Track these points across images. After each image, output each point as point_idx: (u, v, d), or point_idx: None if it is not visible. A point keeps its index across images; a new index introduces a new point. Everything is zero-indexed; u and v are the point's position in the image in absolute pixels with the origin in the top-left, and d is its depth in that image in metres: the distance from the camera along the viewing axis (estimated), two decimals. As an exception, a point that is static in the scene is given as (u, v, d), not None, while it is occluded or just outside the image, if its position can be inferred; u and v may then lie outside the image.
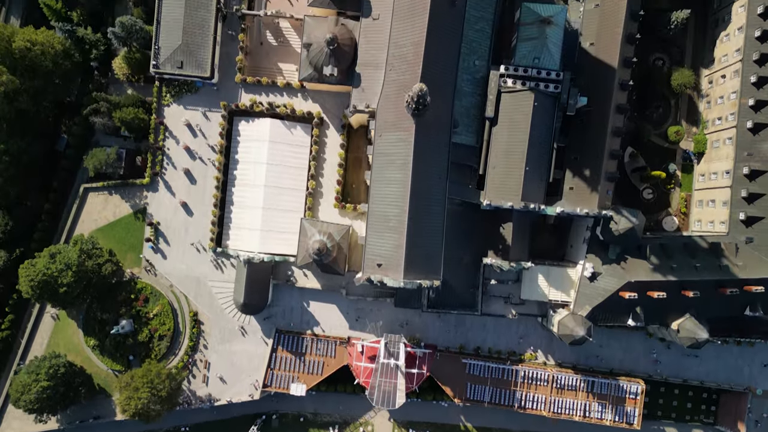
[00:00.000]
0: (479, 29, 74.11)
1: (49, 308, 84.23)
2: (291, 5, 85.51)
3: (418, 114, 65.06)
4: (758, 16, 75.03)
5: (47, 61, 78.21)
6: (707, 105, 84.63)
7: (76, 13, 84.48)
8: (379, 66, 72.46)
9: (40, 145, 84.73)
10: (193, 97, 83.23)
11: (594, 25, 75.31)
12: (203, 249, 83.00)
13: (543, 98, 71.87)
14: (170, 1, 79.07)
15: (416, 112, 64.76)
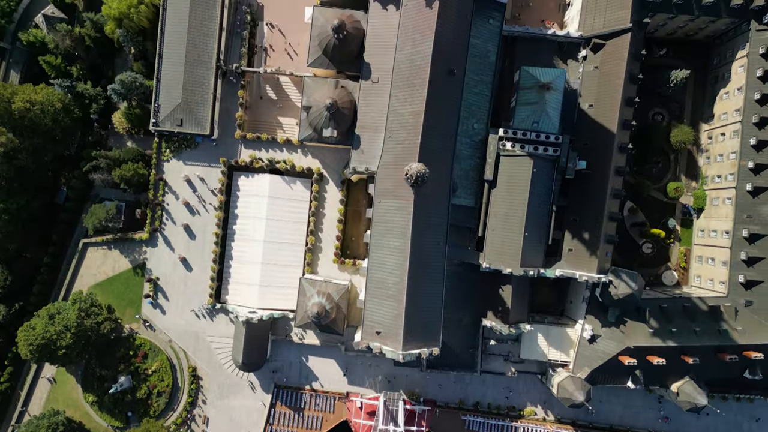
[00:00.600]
0: (478, 92, 74.13)
1: (46, 371, 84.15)
2: (291, 59, 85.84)
3: (417, 186, 65.03)
4: (758, 78, 75.04)
5: (47, 120, 78.47)
6: (706, 160, 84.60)
7: (76, 68, 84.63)
8: (379, 129, 72.58)
9: (39, 198, 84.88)
10: (193, 153, 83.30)
11: (593, 87, 75.33)
12: (204, 315, 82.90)
13: (542, 163, 71.86)
14: (170, 60, 79.29)
15: (415, 185, 64.75)
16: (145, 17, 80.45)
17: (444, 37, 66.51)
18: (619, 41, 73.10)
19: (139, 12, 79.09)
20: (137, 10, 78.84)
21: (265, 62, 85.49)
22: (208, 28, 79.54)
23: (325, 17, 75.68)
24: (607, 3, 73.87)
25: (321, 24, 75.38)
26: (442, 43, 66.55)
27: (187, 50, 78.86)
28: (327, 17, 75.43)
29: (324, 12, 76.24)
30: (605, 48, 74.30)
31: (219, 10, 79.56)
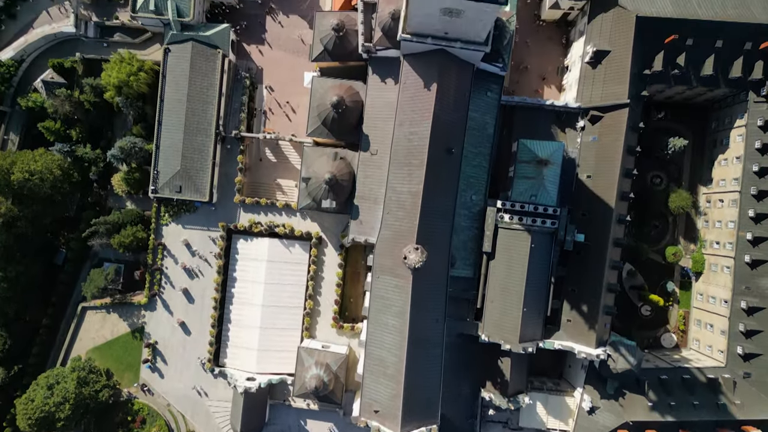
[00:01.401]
0: (476, 165, 74.24)
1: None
2: (290, 121, 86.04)
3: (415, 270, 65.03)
4: (756, 150, 75.14)
5: (46, 187, 78.68)
6: (705, 224, 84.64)
7: (75, 131, 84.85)
8: (377, 200, 72.81)
9: (38, 261, 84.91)
10: (192, 217, 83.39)
11: (591, 159, 75.43)
12: (204, 393, 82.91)
13: (540, 237, 71.86)
14: (169, 127, 79.53)
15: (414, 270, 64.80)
16: (144, 83, 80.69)
17: (442, 118, 66.67)
18: (617, 114, 73.30)
19: (138, 79, 79.35)
20: (137, 77, 79.11)
21: (264, 125, 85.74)
22: (207, 95, 79.80)
23: (324, 88, 75.98)
24: (604, 76, 74.07)
25: (320, 95, 75.64)
26: (441, 124, 66.70)
27: (186, 118, 79.09)
28: (326, 88, 75.74)
29: (323, 83, 76.49)
30: (603, 120, 74.46)
31: (218, 77, 79.86)
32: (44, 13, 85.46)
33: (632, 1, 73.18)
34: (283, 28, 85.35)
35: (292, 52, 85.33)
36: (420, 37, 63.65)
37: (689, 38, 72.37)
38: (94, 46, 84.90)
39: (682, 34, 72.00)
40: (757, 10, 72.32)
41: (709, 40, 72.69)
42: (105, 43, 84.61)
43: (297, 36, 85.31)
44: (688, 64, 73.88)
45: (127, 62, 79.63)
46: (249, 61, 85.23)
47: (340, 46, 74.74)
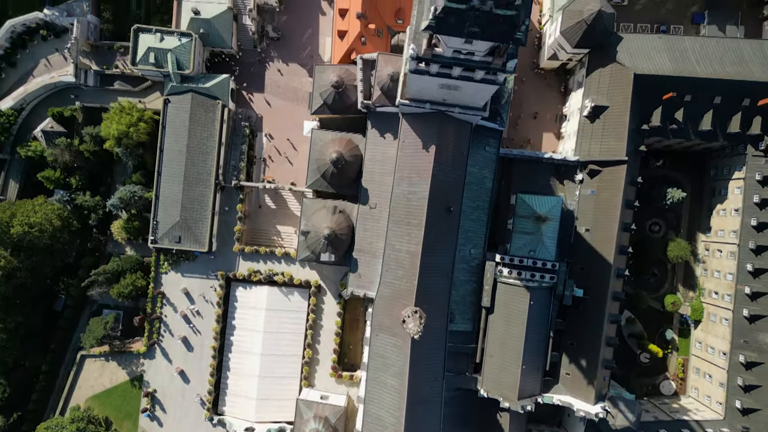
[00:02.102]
0: (475, 219, 74.31)
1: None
2: (289, 167, 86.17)
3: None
4: (754, 204, 75.31)
5: (45, 238, 78.73)
6: (704, 272, 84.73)
7: (75, 179, 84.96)
8: (376, 254, 73.03)
9: (38, 309, 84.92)
10: (191, 265, 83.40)
11: (590, 212, 75.53)
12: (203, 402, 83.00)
13: (539, 293, 71.97)
14: (169, 178, 79.67)
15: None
16: (144, 132, 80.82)
17: (440, 179, 66.98)
18: (615, 169, 73.43)
19: (138, 130, 79.51)
20: (137, 128, 79.28)
21: (264, 172, 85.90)
22: (206, 146, 79.99)
23: (323, 141, 76.22)
24: (602, 131, 74.28)
25: (319, 148, 75.86)
26: (439, 184, 67.01)
27: (185, 168, 79.25)
28: (325, 141, 75.98)
29: (322, 135, 76.71)
30: (601, 174, 74.58)
31: (218, 128, 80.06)
32: (44, 61, 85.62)
33: (630, 57, 73.50)
34: (283, 76, 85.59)
35: (292, 99, 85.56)
36: (418, 102, 63.89)
37: (687, 94, 72.64)
38: (93, 94, 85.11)
39: (680, 91, 72.25)
40: (755, 67, 72.57)
41: (708, 96, 73.01)
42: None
43: (296, 84, 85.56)
44: (686, 119, 74.16)
45: (127, 112, 79.81)
46: (248, 109, 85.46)
47: (340, 100, 74.96)
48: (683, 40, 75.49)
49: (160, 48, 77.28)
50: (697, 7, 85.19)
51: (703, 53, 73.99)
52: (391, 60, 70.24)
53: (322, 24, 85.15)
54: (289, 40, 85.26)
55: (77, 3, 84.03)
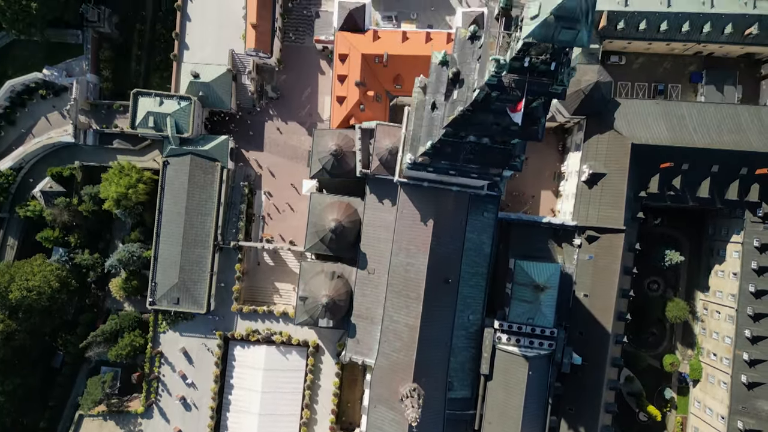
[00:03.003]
0: (473, 284, 74.17)
1: None
2: (288, 225, 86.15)
3: (412, 409, 65.06)
4: (752, 270, 75.35)
5: (44, 300, 78.68)
6: (702, 331, 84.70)
7: (74, 237, 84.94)
8: (375, 321, 73.08)
9: (36, 369, 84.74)
10: (190, 324, 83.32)
11: (588, 278, 75.59)
12: None
13: (538, 362, 71.87)
14: (167, 240, 79.72)
15: (410, 411, 64.85)
16: (143, 193, 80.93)
17: (439, 252, 67.22)
18: (613, 237, 73.64)
19: (137, 191, 79.61)
20: (135, 190, 79.37)
21: (262, 230, 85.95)
22: (205, 207, 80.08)
23: (322, 205, 76.32)
24: (600, 197, 74.48)
25: (318, 212, 75.93)
26: (437, 257, 67.21)
27: (184, 230, 79.28)
28: (324, 205, 76.09)
29: (321, 199, 76.84)
30: (599, 241, 74.71)
31: (217, 189, 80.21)
32: (43, 119, 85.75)
33: (627, 125, 73.84)
34: (282, 134, 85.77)
35: (291, 157, 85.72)
36: (417, 180, 64.07)
37: (685, 163, 72.86)
38: (93, 152, 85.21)
39: (677, 160, 72.56)
40: (753, 135, 72.88)
41: (705, 165, 73.25)
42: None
43: (295, 142, 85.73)
44: (684, 186, 74.39)
45: (126, 173, 79.94)
46: (248, 167, 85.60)
47: (338, 166, 75.03)
48: (680, 106, 75.88)
49: (159, 112, 77.45)
50: (695, 66, 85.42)
51: (701, 120, 74.32)
52: (389, 132, 70.47)
53: (321, 83, 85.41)
54: (288, 98, 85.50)
55: (76, 62, 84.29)
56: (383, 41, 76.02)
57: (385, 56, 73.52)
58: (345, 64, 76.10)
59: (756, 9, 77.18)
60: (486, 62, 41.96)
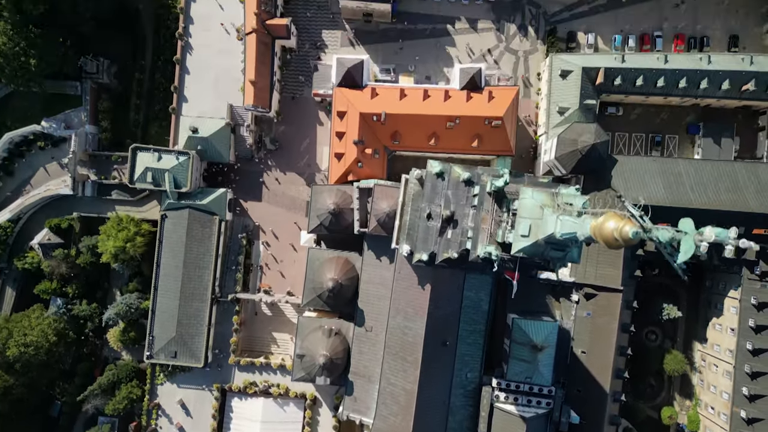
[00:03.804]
0: (471, 342, 73.90)
1: None
2: (285, 277, 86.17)
3: (409, 474, 65.01)
4: (750, 328, 75.34)
5: (42, 355, 78.65)
6: (701, 382, 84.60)
7: (72, 288, 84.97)
8: (372, 379, 73.03)
9: (34, 420, 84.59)
10: (187, 376, 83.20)
11: (586, 334, 75.49)
12: None
13: (536, 422, 71.70)
14: (165, 293, 79.82)
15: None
16: (141, 246, 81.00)
17: (437, 315, 67.11)
18: (611, 295, 73.62)
19: (135, 245, 79.70)
20: (133, 244, 79.44)
21: (260, 280, 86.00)
22: (203, 261, 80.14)
23: (320, 260, 76.38)
24: (598, 255, 74.35)
25: (316, 268, 75.97)
26: (435, 321, 67.15)
27: (182, 284, 79.37)
28: (322, 261, 76.15)
29: (319, 255, 76.89)
30: (597, 298, 74.66)
31: (215, 243, 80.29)
32: (41, 170, 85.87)
33: (624, 183, 73.93)
34: (281, 184, 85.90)
35: (289, 208, 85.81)
36: (414, 248, 64.11)
37: (682, 222, 72.66)
38: (91, 203, 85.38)
39: (675, 220, 72.00)
40: (750, 195, 72.90)
41: (703, 224, 72.77)
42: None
43: (294, 193, 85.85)
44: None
45: (124, 226, 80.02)
46: (246, 218, 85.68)
47: (336, 222, 75.07)
48: (677, 164, 76.02)
49: (158, 168, 77.70)
50: (693, 117, 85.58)
51: (698, 178, 74.41)
52: (387, 193, 70.57)
53: (320, 133, 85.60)
54: (286, 149, 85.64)
55: (75, 113, 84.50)
56: (381, 98, 76.26)
57: (383, 115, 73.70)
58: (343, 120, 76.33)
59: (753, 65, 77.49)
60: (479, 232, 43.89)
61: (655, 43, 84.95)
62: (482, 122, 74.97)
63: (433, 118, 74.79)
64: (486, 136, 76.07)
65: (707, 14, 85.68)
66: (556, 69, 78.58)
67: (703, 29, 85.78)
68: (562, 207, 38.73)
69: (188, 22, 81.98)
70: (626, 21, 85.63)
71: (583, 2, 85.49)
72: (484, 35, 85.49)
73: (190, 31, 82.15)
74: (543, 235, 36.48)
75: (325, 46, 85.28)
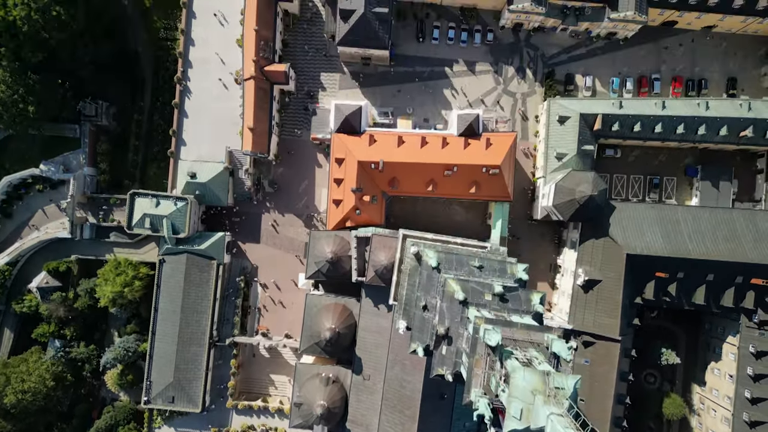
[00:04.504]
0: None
1: None
2: (283, 318, 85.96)
3: None
4: (748, 376, 75.16)
5: (39, 400, 78.48)
6: (699, 425, 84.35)
7: (69, 330, 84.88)
8: (370, 428, 73.04)
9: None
10: (185, 420, 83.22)
11: (584, 382, 73.42)
12: None
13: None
14: (163, 338, 79.69)
15: None
16: (139, 289, 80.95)
17: (435, 369, 66.79)
18: (610, 344, 73.54)
19: (133, 289, 79.67)
20: (131, 288, 79.41)
21: (258, 322, 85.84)
22: (201, 305, 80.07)
23: (317, 307, 76.41)
24: (596, 304, 74.38)
25: (314, 315, 75.98)
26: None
27: (180, 329, 79.29)
28: (319, 308, 76.20)
29: (316, 300, 76.94)
30: (595, 347, 74.65)
31: (213, 287, 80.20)
32: (40, 212, 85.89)
33: (622, 232, 73.95)
34: (279, 226, 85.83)
35: (287, 249, 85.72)
36: (412, 304, 64.08)
37: (680, 272, 72.80)
38: (89, 245, 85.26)
39: (673, 270, 72.54)
40: (748, 244, 72.86)
41: (701, 273, 73.15)
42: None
43: (292, 234, 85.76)
44: (679, 293, 74.21)
45: (122, 270, 79.96)
46: (244, 259, 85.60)
47: (334, 270, 75.15)
48: (675, 211, 76.04)
49: (156, 214, 77.74)
50: (691, 159, 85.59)
51: (696, 226, 74.42)
52: (385, 243, 70.68)
53: (318, 175, 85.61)
54: (285, 190, 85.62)
55: (74, 155, 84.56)
56: (379, 145, 76.26)
57: (381, 164, 73.73)
58: (341, 167, 76.36)
59: (751, 112, 77.66)
60: (473, 374, 46.60)
61: (653, 85, 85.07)
62: (480, 170, 74.95)
63: (431, 166, 74.83)
64: (484, 183, 76.05)
65: (705, 57, 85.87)
66: (553, 114, 78.76)
67: (701, 72, 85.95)
68: (553, 394, 39.76)
69: (187, 66, 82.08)
70: (624, 63, 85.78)
71: (580, 45, 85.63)
72: (482, 77, 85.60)
73: (188, 75, 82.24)
74: (535, 426, 36.80)
75: (324, 89, 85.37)
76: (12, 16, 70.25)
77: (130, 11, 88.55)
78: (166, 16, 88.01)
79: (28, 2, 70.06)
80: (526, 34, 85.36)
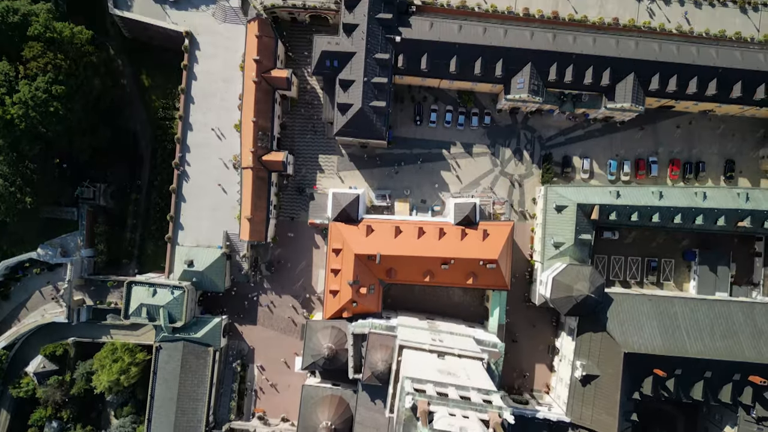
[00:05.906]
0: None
1: None
2: (280, 400, 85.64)
3: None
4: (748, 475, 74.81)
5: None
6: None
7: (66, 413, 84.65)
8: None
9: None
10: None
11: (584, 464, 75.00)
12: None
13: None
14: (158, 427, 79.39)
15: None
16: (136, 375, 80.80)
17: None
18: (608, 446, 73.28)
19: (129, 376, 79.50)
20: (127, 375, 79.25)
21: (255, 404, 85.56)
22: (197, 392, 79.79)
23: (314, 399, 76.17)
24: (594, 398, 74.16)
25: (311, 406, 75.68)
26: (430, 479, 66.44)
27: (176, 417, 78.95)
28: (316, 400, 75.93)
29: (313, 392, 76.70)
30: (594, 442, 74.35)
31: (209, 374, 79.93)
32: (37, 293, 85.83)
33: (620, 327, 73.88)
34: (276, 307, 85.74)
35: (284, 331, 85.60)
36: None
37: (678, 368, 72.56)
38: (86, 328, 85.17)
39: (671, 367, 72.34)
40: (746, 341, 72.80)
41: (698, 370, 72.88)
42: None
43: (289, 315, 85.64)
44: (677, 388, 73.89)
45: (119, 356, 79.85)
46: (241, 341, 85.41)
47: (331, 363, 74.90)
48: (673, 304, 75.96)
49: (153, 304, 77.52)
50: (689, 242, 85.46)
51: (693, 321, 74.39)
52: (382, 342, 70.49)
53: (315, 257, 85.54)
54: (282, 272, 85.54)
55: (71, 237, 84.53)
56: (376, 235, 76.28)
57: (378, 257, 73.64)
58: (338, 257, 76.29)
59: (749, 202, 77.69)
60: None
61: (650, 168, 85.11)
62: (477, 263, 74.85)
63: (428, 259, 74.77)
64: (481, 274, 75.92)
65: (703, 139, 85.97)
66: (551, 202, 78.85)
67: (699, 153, 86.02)
68: None
69: (185, 150, 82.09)
70: (622, 145, 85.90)
71: (578, 127, 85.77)
72: (479, 159, 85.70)
73: (186, 160, 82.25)
74: None
75: (322, 170, 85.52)
76: (9, 114, 70.39)
77: (129, 90, 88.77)
78: (164, 95, 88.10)
79: (25, 101, 70.16)
80: (523, 117, 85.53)
